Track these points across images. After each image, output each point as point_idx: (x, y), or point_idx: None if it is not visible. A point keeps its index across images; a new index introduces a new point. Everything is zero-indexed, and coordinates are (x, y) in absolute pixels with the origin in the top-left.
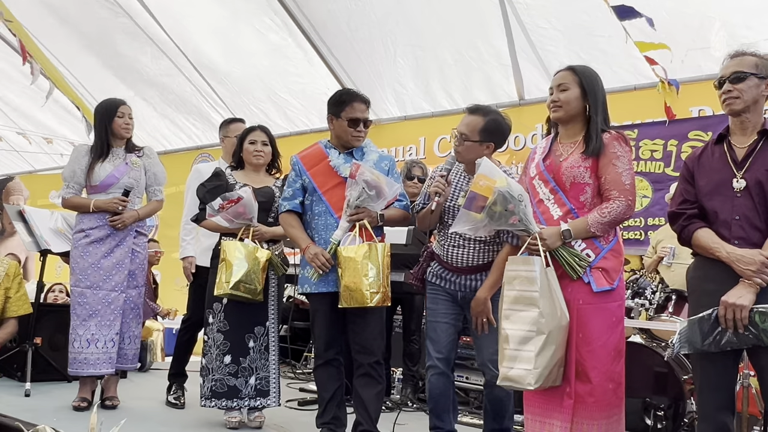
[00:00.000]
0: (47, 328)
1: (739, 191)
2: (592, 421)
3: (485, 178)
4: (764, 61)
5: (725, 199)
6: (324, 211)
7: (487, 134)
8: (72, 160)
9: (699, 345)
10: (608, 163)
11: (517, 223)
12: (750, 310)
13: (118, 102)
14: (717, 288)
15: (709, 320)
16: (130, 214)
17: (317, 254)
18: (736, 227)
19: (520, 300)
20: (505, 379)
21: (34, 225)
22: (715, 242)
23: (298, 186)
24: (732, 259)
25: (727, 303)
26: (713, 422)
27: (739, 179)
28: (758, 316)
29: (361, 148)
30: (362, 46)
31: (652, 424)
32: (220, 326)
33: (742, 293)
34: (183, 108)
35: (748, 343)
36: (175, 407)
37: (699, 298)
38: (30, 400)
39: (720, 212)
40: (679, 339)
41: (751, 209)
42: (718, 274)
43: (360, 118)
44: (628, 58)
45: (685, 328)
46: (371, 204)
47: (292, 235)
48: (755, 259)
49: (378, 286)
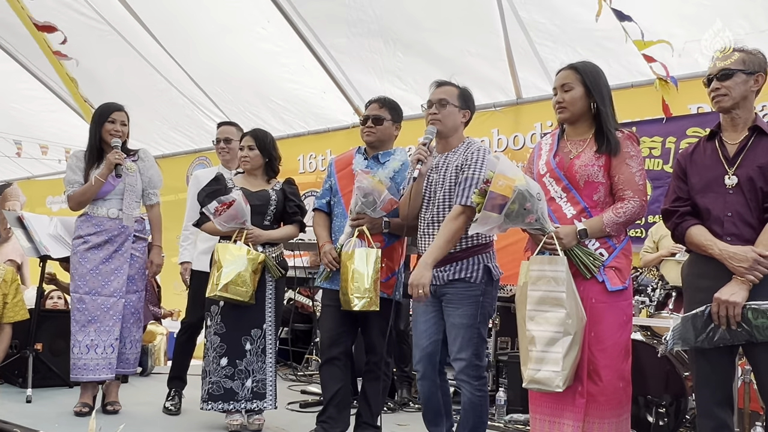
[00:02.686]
0: (48, 334)
1: (731, 188)
2: (603, 419)
3: (504, 178)
4: (751, 56)
5: (717, 195)
6: (342, 213)
7: (464, 101)
8: (70, 165)
9: (692, 342)
10: (622, 162)
11: (533, 222)
12: (743, 306)
13: (113, 107)
14: (711, 284)
15: (702, 317)
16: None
17: (326, 252)
18: (729, 224)
19: (546, 301)
20: (533, 382)
21: (33, 231)
22: (708, 239)
23: (328, 186)
24: (725, 257)
25: (720, 300)
26: (712, 418)
27: (731, 176)
28: (751, 312)
29: (389, 153)
30: (358, 46)
31: (654, 421)
32: (217, 329)
33: (734, 290)
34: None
35: (741, 339)
36: (170, 413)
37: (693, 294)
38: (31, 407)
39: (712, 209)
40: (673, 336)
41: (743, 206)
42: (712, 271)
43: (368, 115)
44: (626, 55)
45: (679, 324)
46: (368, 210)
47: (315, 233)
48: (747, 256)
49: (364, 291)
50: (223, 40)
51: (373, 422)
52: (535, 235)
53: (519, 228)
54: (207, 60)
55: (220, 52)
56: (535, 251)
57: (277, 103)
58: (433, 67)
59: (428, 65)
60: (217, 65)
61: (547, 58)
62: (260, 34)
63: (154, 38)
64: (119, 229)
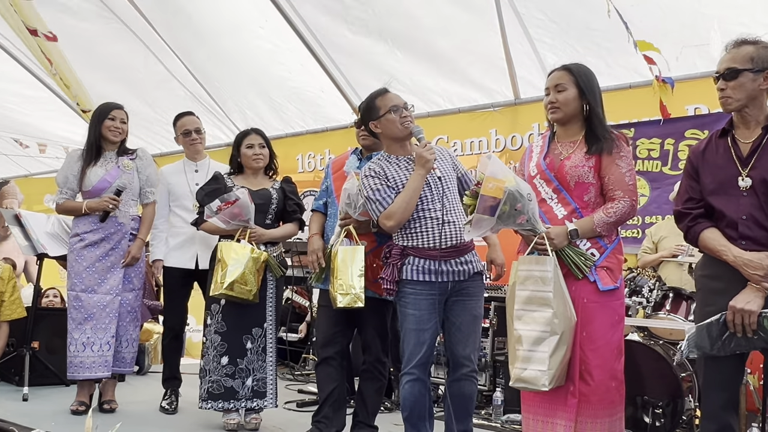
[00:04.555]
0: (44, 332)
1: (744, 190)
2: (596, 419)
3: (493, 180)
4: (762, 50)
5: (731, 197)
6: (335, 213)
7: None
8: (65, 165)
9: (708, 349)
10: (612, 162)
11: (524, 223)
12: (758, 314)
13: (113, 105)
14: (724, 287)
15: (718, 325)
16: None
17: (313, 251)
18: (743, 227)
19: (533, 300)
20: (519, 381)
21: (30, 229)
22: (722, 244)
23: (324, 187)
24: (739, 263)
25: (735, 308)
26: (718, 421)
27: (745, 177)
28: (766, 320)
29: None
30: (356, 45)
31: (650, 421)
32: (218, 327)
33: (750, 298)
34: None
35: (757, 346)
36: (167, 413)
37: (706, 296)
38: (28, 405)
39: (726, 211)
40: (688, 344)
41: (758, 208)
42: (725, 273)
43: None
44: (624, 56)
45: (693, 333)
46: (350, 211)
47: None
48: (763, 264)
49: (348, 287)
50: (223, 37)
51: (370, 422)
52: (527, 236)
53: (511, 229)
54: (207, 57)
55: (220, 49)
56: (526, 252)
57: (276, 102)
58: (432, 66)
59: (427, 64)
60: (217, 62)
61: (545, 56)
62: (258, 33)
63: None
64: (116, 228)
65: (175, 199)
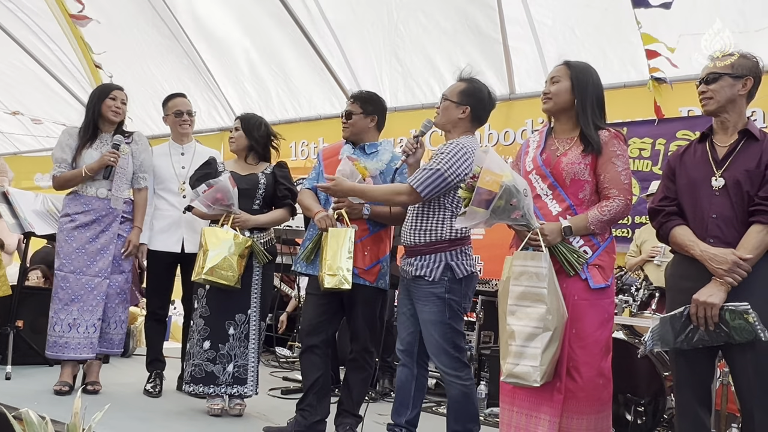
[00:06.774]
0: (29, 312)
1: (717, 189)
2: (582, 415)
3: (490, 173)
4: (742, 60)
5: (703, 196)
6: (325, 199)
7: (465, 96)
8: (61, 140)
9: (671, 343)
10: (608, 161)
11: (519, 218)
12: (720, 308)
13: (113, 86)
14: (692, 285)
15: (681, 318)
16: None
17: (321, 219)
18: (713, 225)
19: (527, 296)
20: (511, 376)
21: (18, 207)
22: (691, 240)
23: (314, 175)
24: (705, 258)
25: (698, 301)
26: (691, 418)
27: (718, 178)
28: (728, 314)
29: (375, 145)
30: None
31: (632, 419)
32: (202, 311)
33: (713, 291)
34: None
35: (720, 340)
36: (150, 395)
37: (675, 295)
38: (11, 384)
39: (697, 210)
40: (652, 336)
41: (729, 208)
42: (694, 272)
43: (346, 111)
44: (621, 55)
45: (658, 325)
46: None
47: (304, 205)
48: (727, 259)
49: (336, 269)
50: (219, 23)
51: (355, 411)
52: (520, 231)
53: (504, 224)
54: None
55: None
56: (519, 247)
57: (269, 88)
58: (426, 59)
59: (422, 57)
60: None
61: (544, 51)
62: (254, 18)
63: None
64: (107, 210)
65: (160, 182)
